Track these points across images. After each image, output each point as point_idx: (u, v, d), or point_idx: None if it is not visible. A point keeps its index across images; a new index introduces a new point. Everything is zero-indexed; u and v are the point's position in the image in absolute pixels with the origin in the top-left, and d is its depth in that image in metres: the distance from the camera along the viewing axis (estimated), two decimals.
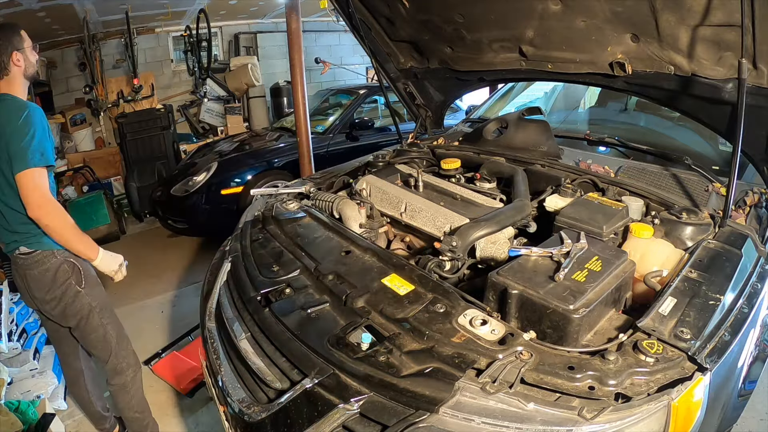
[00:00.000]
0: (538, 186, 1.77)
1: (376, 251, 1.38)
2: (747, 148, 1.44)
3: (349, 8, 2.08)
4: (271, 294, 1.32)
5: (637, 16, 1.43)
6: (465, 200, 1.69)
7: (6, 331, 2.20)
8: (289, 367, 1.13)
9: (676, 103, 1.64)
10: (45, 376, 2.26)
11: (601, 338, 1.05)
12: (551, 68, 1.84)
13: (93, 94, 5.33)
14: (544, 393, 0.89)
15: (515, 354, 0.95)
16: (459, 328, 1.04)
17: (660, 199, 1.51)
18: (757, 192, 1.54)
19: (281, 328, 1.20)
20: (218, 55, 6.59)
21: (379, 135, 4.54)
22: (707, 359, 0.91)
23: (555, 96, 2.98)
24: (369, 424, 0.95)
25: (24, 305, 2.42)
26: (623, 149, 1.97)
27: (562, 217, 1.40)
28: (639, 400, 0.85)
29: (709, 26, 1.31)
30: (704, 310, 1.03)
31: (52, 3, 3.98)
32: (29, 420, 1.93)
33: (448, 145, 2.28)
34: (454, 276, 1.36)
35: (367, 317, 1.14)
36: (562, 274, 1.09)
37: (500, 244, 1.43)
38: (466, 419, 0.87)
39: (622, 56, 1.59)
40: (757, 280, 1.19)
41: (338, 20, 3.25)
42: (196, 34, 5.47)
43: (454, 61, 2.15)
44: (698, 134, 2.07)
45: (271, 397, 1.15)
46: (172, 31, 6.15)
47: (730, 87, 1.39)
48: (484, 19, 1.81)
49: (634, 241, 1.32)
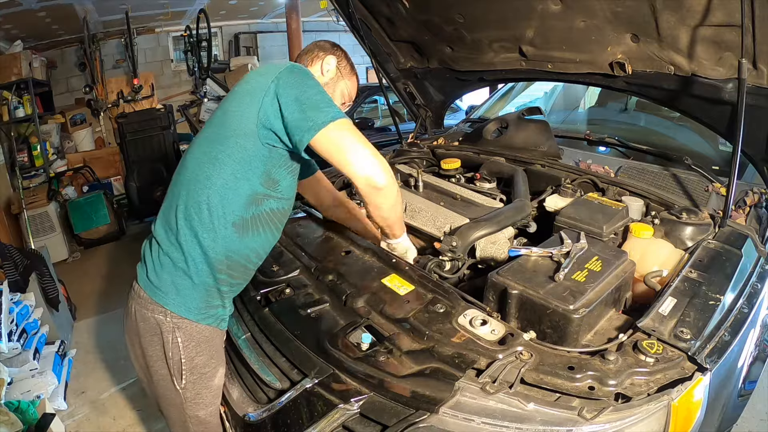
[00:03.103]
0: (538, 186, 1.77)
1: (376, 251, 1.38)
2: (747, 148, 1.44)
3: (349, 8, 2.08)
4: (270, 294, 1.32)
5: (637, 16, 1.43)
6: (465, 200, 1.69)
7: (6, 331, 2.20)
8: (289, 367, 1.13)
9: (676, 103, 1.64)
10: (45, 376, 2.26)
11: (601, 338, 1.05)
12: (551, 68, 1.84)
13: (93, 94, 5.33)
14: (544, 393, 0.89)
15: (515, 354, 0.95)
16: (459, 328, 1.04)
17: (660, 199, 1.51)
18: (757, 192, 1.54)
19: (281, 327, 1.19)
20: (218, 55, 6.59)
21: (379, 135, 4.54)
22: (707, 359, 0.90)
23: (555, 96, 2.98)
24: (369, 424, 0.95)
25: (24, 305, 2.42)
26: (623, 149, 1.97)
27: (562, 217, 1.40)
28: (639, 400, 0.85)
29: (709, 26, 1.31)
30: (704, 310, 1.03)
31: (52, 3, 3.98)
32: (29, 420, 1.92)
33: (448, 145, 2.28)
34: (454, 276, 1.36)
35: (367, 317, 1.14)
36: (562, 274, 1.08)
37: (500, 244, 1.43)
38: (466, 419, 0.87)
39: (622, 56, 1.59)
40: (757, 280, 1.19)
41: (338, 20, 3.25)
42: (196, 34, 5.46)
43: (454, 61, 2.15)
44: (698, 134, 2.07)
45: (271, 397, 1.15)
46: (172, 31, 6.15)
47: (730, 87, 1.39)
48: (484, 19, 1.81)
49: (634, 241, 1.32)
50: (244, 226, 1.09)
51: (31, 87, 4.14)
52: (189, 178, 1.10)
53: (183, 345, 1.09)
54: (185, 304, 1.09)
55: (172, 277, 1.08)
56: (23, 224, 3.83)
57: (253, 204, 1.09)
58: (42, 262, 2.84)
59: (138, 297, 1.12)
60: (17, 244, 3.58)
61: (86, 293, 3.51)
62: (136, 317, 1.12)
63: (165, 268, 1.09)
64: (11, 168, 4.12)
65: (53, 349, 2.48)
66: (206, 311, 1.12)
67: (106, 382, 2.54)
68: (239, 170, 1.06)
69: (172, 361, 1.10)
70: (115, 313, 3.15)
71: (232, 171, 1.06)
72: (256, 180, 1.07)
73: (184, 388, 1.12)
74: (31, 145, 4.30)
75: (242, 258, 1.13)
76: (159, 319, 1.08)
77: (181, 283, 1.08)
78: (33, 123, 4.23)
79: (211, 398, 1.19)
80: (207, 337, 1.13)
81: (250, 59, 5.99)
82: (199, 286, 1.09)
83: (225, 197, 1.06)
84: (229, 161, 1.05)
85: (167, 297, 1.08)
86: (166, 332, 1.08)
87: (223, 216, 1.07)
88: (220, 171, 1.06)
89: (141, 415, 2.27)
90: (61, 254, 4.10)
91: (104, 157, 5.21)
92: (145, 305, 1.10)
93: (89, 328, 3.05)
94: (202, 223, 1.07)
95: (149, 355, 1.12)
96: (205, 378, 1.14)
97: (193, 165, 1.10)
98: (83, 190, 4.59)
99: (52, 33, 4.96)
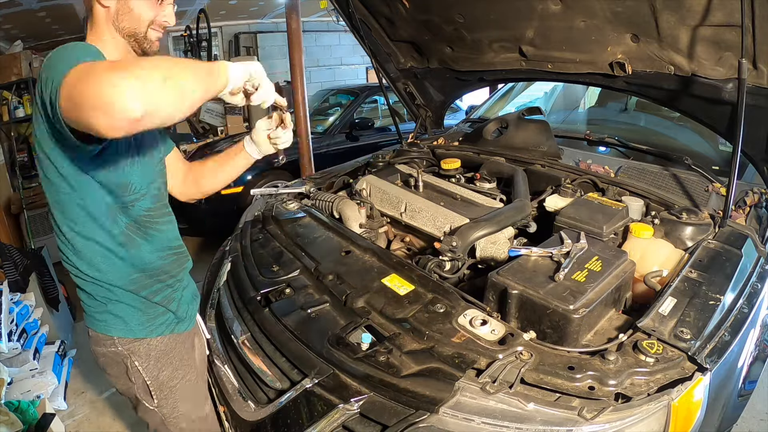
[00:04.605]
0: (538, 186, 1.77)
1: (376, 251, 1.38)
2: (747, 148, 1.44)
3: (349, 8, 2.08)
4: (271, 294, 1.32)
5: (637, 16, 1.43)
6: (465, 200, 1.69)
7: (6, 331, 2.20)
8: (289, 367, 1.13)
9: (676, 103, 1.64)
10: (45, 376, 2.26)
11: (601, 338, 1.05)
12: (551, 68, 1.84)
13: None
14: (544, 393, 0.89)
15: (515, 354, 0.95)
16: (459, 328, 1.04)
17: (660, 199, 1.51)
18: (757, 192, 1.54)
19: (281, 328, 1.19)
20: (218, 55, 6.59)
21: (379, 135, 4.54)
22: (707, 359, 0.90)
23: (555, 96, 2.98)
24: (369, 424, 0.95)
25: (24, 305, 2.42)
26: (623, 149, 1.97)
27: (562, 217, 1.40)
28: (639, 400, 0.85)
29: (709, 26, 1.31)
30: (704, 310, 1.03)
31: (52, 3, 3.97)
32: (29, 420, 1.92)
33: (448, 145, 2.28)
34: (454, 276, 1.36)
35: (367, 317, 1.14)
36: (562, 274, 1.08)
37: (500, 244, 1.43)
38: (466, 419, 0.87)
39: (622, 56, 1.59)
40: (757, 280, 1.19)
41: (338, 20, 3.25)
42: (196, 34, 5.46)
43: (454, 61, 2.15)
44: (698, 134, 2.07)
45: (271, 397, 1.15)
46: (172, 31, 6.15)
47: (730, 87, 1.39)
48: (484, 19, 1.81)
49: (634, 241, 1.32)
50: (129, 240, 1.01)
51: (31, 87, 4.13)
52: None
53: (142, 367, 1.07)
54: (126, 325, 1.05)
55: (101, 307, 1.04)
56: (23, 224, 3.83)
57: (121, 215, 0.98)
58: (42, 262, 2.84)
59: (89, 337, 1.10)
60: (17, 244, 3.58)
61: None
62: (96, 356, 1.11)
63: (92, 301, 1.05)
64: (11, 168, 4.12)
65: (53, 349, 2.48)
66: (151, 324, 1.08)
67: (106, 382, 2.50)
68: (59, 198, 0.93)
69: (136, 385, 1.09)
70: None
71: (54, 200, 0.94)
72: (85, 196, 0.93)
73: (158, 406, 1.12)
74: (31, 145, 4.30)
75: (153, 262, 1.06)
76: (112, 351, 1.06)
77: (112, 308, 1.04)
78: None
79: (191, 407, 1.17)
80: (164, 351, 1.10)
81: (250, 59, 5.99)
82: (130, 305, 1.04)
83: (86, 228, 0.96)
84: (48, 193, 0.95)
85: (107, 326, 1.05)
86: (124, 360, 1.07)
87: (102, 244, 0.98)
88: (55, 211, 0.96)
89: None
90: None
91: None
92: (96, 342, 1.08)
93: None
94: (91, 261, 0.99)
95: (119, 387, 1.13)
96: (175, 391, 1.13)
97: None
98: None
99: (52, 33, 4.96)
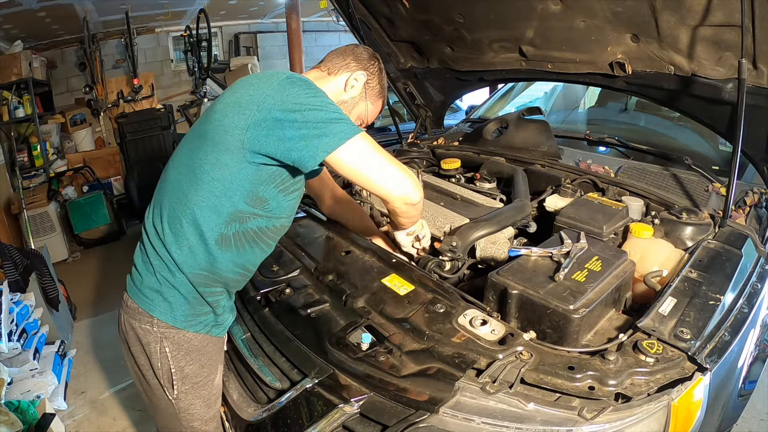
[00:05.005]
0: (538, 186, 1.77)
1: (376, 251, 1.38)
2: (747, 148, 1.44)
3: (349, 8, 2.08)
4: (271, 294, 1.32)
5: (637, 16, 1.43)
6: (465, 200, 1.69)
7: (6, 331, 2.20)
8: (289, 367, 1.13)
9: (676, 103, 1.64)
10: (45, 376, 2.26)
11: (601, 338, 1.05)
12: (551, 68, 1.84)
13: (93, 94, 5.32)
14: (544, 393, 0.89)
15: (515, 354, 0.95)
16: (459, 328, 1.04)
17: (660, 199, 1.51)
18: (757, 192, 1.54)
19: (281, 328, 1.20)
20: (218, 55, 6.58)
21: (379, 135, 4.54)
22: (707, 359, 0.90)
23: (555, 96, 2.99)
24: (369, 424, 0.95)
25: (24, 305, 2.42)
26: (623, 149, 1.97)
27: (562, 217, 1.40)
28: (639, 400, 0.85)
29: (709, 26, 1.31)
30: (704, 310, 1.03)
31: (52, 3, 3.97)
32: (29, 420, 1.92)
33: (448, 145, 2.28)
34: (454, 276, 1.36)
35: (367, 317, 1.14)
36: (562, 274, 1.08)
37: (500, 244, 1.43)
38: (466, 419, 0.87)
39: (622, 56, 1.59)
40: (757, 280, 1.19)
41: (338, 20, 3.25)
42: (196, 34, 5.46)
43: (454, 61, 2.15)
44: (698, 134, 2.07)
45: (271, 397, 1.15)
46: (172, 31, 6.14)
47: (730, 87, 1.39)
48: (484, 19, 1.81)
49: (634, 241, 1.32)
50: (225, 243, 1.04)
51: (31, 87, 4.14)
52: (170, 190, 1.05)
53: (171, 355, 1.06)
54: (171, 311, 1.05)
55: (156, 285, 1.05)
56: (23, 224, 3.83)
57: (236, 222, 1.02)
58: (42, 262, 2.84)
59: (126, 306, 1.09)
60: (17, 244, 3.59)
61: (86, 293, 3.51)
62: (125, 327, 1.10)
63: (149, 276, 1.06)
64: (11, 168, 4.12)
65: (53, 349, 2.48)
66: (194, 318, 1.08)
67: (106, 382, 2.54)
68: (218, 188, 0.99)
69: (161, 371, 1.07)
70: (115, 313, 3.08)
71: (210, 189, 0.99)
72: (239, 198, 1.00)
73: (176, 398, 1.10)
74: (31, 145, 4.30)
75: (226, 272, 1.08)
76: (146, 329, 1.05)
77: (165, 291, 1.05)
78: (33, 123, 4.23)
79: (206, 408, 1.16)
80: (196, 346, 1.09)
81: (250, 59, 5.99)
82: (182, 295, 1.05)
83: (203, 215, 1.00)
84: (208, 179, 0.99)
85: (153, 304, 1.05)
86: (154, 342, 1.06)
87: (201, 234, 1.01)
88: (197, 188, 1.00)
89: (141, 415, 2.27)
90: (61, 254, 4.10)
91: (104, 157, 5.20)
92: (132, 315, 1.07)
93: (89, 328, 3.05)
94: (179, 239, 1.02)
95: (141, 364, 1.10)
96: (197, 387, 1.12)
97: (174, 177, 1.05)
98: (83, 190, 4.59)
99: (52, 33, 4.96)
